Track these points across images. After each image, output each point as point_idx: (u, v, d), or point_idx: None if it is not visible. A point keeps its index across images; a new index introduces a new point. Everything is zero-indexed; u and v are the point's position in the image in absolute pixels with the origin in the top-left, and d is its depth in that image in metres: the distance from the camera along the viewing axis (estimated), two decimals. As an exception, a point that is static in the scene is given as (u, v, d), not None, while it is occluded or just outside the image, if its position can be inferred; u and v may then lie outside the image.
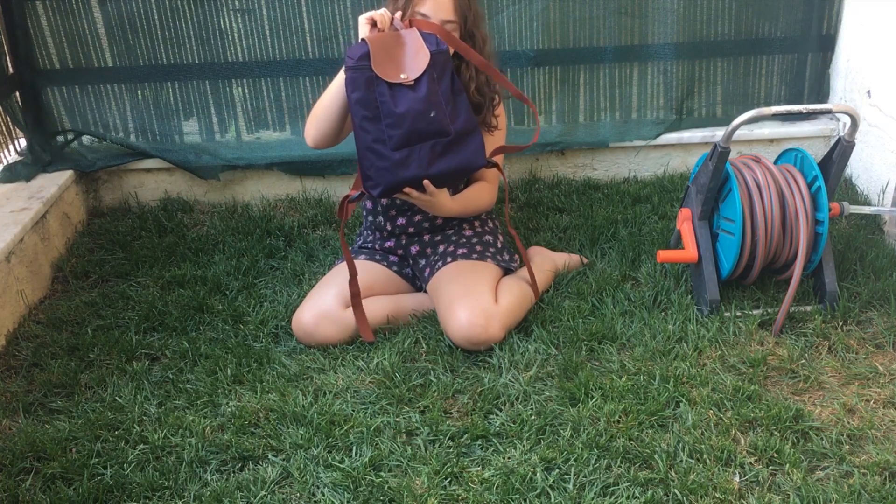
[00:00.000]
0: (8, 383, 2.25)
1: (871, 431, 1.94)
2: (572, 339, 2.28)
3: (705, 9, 3.16)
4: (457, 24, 2.26)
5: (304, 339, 2.31)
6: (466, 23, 2.28)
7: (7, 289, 2.48)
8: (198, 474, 1.89)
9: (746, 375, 2.13)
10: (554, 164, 3.33)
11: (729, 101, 3.30)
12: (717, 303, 2.36)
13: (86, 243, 2.97)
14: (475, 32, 2.32)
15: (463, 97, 2.19)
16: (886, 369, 2.15)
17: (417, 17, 2.23)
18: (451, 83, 2.16)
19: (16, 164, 3.07)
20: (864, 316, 2.36)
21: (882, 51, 2.87)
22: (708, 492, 1.78)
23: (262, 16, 3.10)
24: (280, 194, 3.27)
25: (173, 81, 3.18)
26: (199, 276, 2.69)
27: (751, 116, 2.23)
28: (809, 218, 2.29)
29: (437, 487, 1.81)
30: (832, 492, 1.76)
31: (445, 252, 2.43)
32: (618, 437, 1.92)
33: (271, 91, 3.21)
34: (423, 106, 2.10)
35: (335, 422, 2.01)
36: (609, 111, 3.31)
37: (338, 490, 1.82)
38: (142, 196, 3.27)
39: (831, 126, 3.28)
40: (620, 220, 2.92)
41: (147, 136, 3.24)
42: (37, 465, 1.94)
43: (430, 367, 2.21)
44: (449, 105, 2.14)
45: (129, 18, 3.07)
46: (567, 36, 3.18)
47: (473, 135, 2.19)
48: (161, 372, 2.25)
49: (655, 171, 3.33)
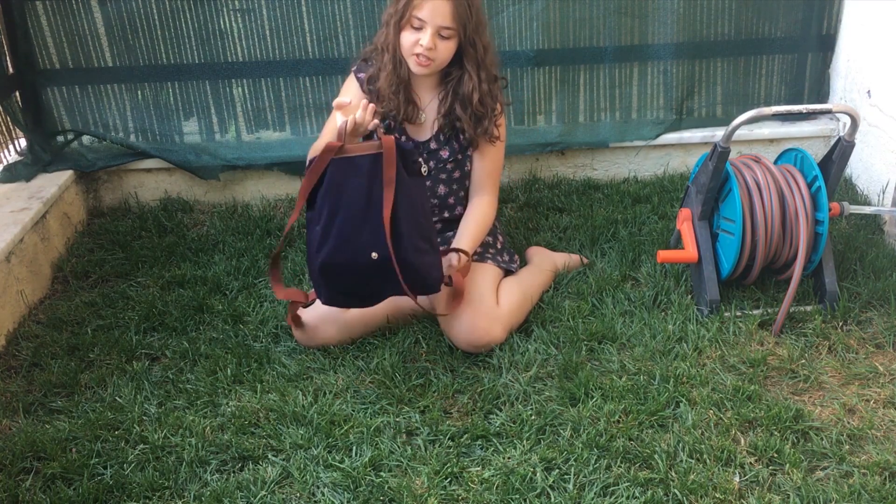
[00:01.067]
0: (8, 383, 2.25)
1: (871, 431, 1.94)
2: (572, 339, 2.28)
3: (705, 9, 3.16)
4: (455, 31, 2.23)
5: (304, 340, 2.31)
6: (466, 31, 2.24)
7: (7, 289, 2.48)
8: (198, 474, 1.89)
9: (746, 375, 2.13)
10: (554, 164, 3.33)
11: (729, 101, 3.30)
12: (717, 303, 2.36)
13: (86, 243, 2.97)
14: (476, 40, 2.28)
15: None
16: (886, 369, 2.15)
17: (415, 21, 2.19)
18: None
19: (16, 164, 3.07)
20: (864, 316, 2.36)
21: (882, 51, 2.87)
22: (708, 492, 1.78)
23: (262, 16, 3.10)
24: (280, 194, 3.27)
25: (173, 81, 3.18)
26: (199, 276, 2.69)
27: (751, 116, 2.23)
28: (809, 218, 2.29)
29: (437, 487, 1.81)
30: (832, 492, 1.76)
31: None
32: (618, 437, 1.92)
33: (271, 91, 3.21)
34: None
35: (335, 422, 2.01)
36: (609, 111, 3.31)
37: (338, 490, 1.82)
38: (142, 196, 3.27)
39: (831, 126, 3.28)
40: (620, 220, 2.92)
41: (147, 136, 3.24)
42: (37, 465, 1.94)
43: (430, 367, 2.21)
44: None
45: (129, 18, 3.07)
46: (567, 36, 3.18)
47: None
48: (161, 372, 2.25)
49: (655, 171, 3.33)
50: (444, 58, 2.27)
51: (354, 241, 2.06)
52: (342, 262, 2.08)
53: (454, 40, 2.25)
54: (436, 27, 2.20)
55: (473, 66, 2.30)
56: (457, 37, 2.24)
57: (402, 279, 2.07)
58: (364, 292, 2.16)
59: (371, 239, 2.04)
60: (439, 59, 2.25)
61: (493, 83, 2.36)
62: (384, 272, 2.06)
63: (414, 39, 2.22)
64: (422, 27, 2.20)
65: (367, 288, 2.14)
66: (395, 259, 2.04)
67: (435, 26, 2.20)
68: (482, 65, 2.31)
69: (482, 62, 2.30)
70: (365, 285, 2.13)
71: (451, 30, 2.22)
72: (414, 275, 2.10)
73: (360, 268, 2.07)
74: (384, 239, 2.03)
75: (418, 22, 2.20)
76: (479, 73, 2.30)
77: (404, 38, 2.24)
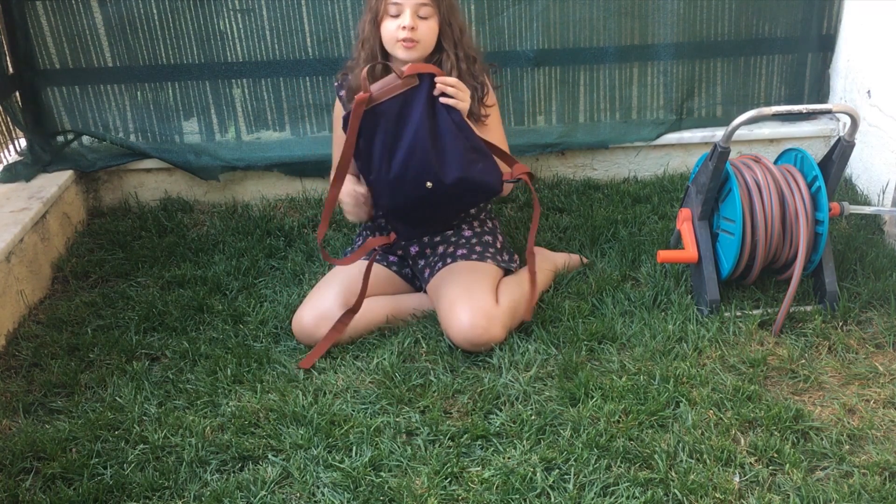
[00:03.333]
0: (8, 383, 2.25)
1: (871, 431, 1.94)
2: (572, 339, 2.28)
3: (705, 9, 3.16)
4: (432, 8, 2.27)
5: (305, 340, 2.31)
6: (441, 8, 2.28)
7: (7, 289, 2.48)
8: (198, 474, 1.89)
9: (746, 375, 2.13)
10: (554, 164, 3.33)
11: (729, 101, 3.30)
12: (717, 303, 2.36)
13: (86, 243, 2.97)
14: (452, 21, 2.33)
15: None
16: (886, 369, 2.15)
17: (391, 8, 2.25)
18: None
19: (16, 164, 3.07)
20: (864, 316, 2.36)
21: (882, 51, 2.87)
22: (708, 492, 1.78)
23: (262, 16, 3.10)
24: (280, 194, 3.27)
25: (173, 81, 3.18)
26: (199, 276, 2.69)
27: (751, 116, 2.23)
28: (809, 218, 2.29)
29: (437, 487, 1.81)
30: (832, 492, 1.76)
31: (445, 253, 2.42)
32: (618, 437, 1.92)
33: (271, 91, 3.21)
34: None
35: (335, 422, 2.01)
36: (609, 112, 3.31)
37: (338, 490, 1.82)
38: (142, 196, 3.27)
39: (831, 126, 3.28)
40: (620, 220, 2.92)
41: (147, 136, 3.24)
42: (37, 465, 1.94)
43: (430, 367, 2.21)
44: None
45: (129, 18, 3.07)
46: (567, 36, 3.18)
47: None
48: (161, 372, 2.25)
49: (655, 171, 3.33)
50: (429, 38, 2.29)
51: (406, 180, 2.20)
52: (402, 203, 2.26)
53: (434, 19, 2.28)
54: (413, 6, 2.24)
55: (451, 45, 2.34)
56: (436, 15, 2.28)
57: (464, 197, 2.28)
58: (437, 216, 2.35)
59: (420, 171, 2.18)
60: (424, 39, 2.28)
61: (473, 64, 2.38)
62: (447, 197, 2.22)
63: (395, 26, 2.26)
64: (399, 12, 2.25)
65: (438, 212, 2.33)
66: (449, 181, 2.18)
67: (412, 5, 2.24)
68: (459, 44, 2.35)
69: (459, 42, 2.34)
70: (434, 212, 2.32)
71: (427, 7, 2.26)
72: (474, 187, 2.24)
73: (422, 200, 2.23)
74: (433, 167, 2.17)
75: (395, 8, 2.24)
76: (456, 53, 2.34)
77: (385, 30, 2.28)
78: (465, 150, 2.21)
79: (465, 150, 2.21)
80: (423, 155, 2.17)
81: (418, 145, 2.17)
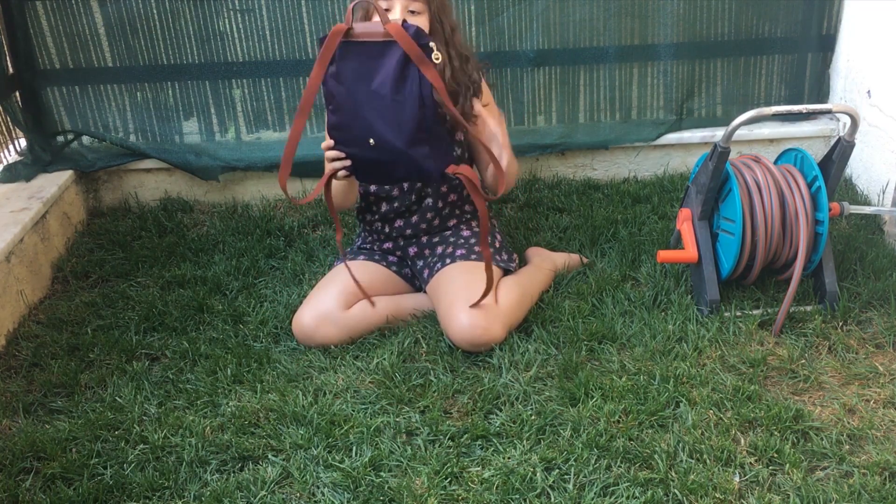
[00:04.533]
0: (8, 383, 2.25)
1: (871, 431, 1.94)
2: (572, 339, 2.28)
3: (705, 9, 3.16)
4: (424, 4, 2.25)
5: (305, 340, 2.31)
6: (431, 6, 2.27)
7: (7, 289, 2.48)
8: (198, 474, 1.89)
9: (746, 375, 2.13)
10: (554, 164, 3.33)
11: (729, 102, 3.30)
12: (717, 303, 2.36)
13: (86, 243, 2.97)
14: (443, 19, 2.31)
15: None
16: (886, 369, 2.15)
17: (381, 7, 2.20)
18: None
19: (16, 164, 3.07)
20: (864, 316, 2.36)
21: (882, 51, 2.87)
22: (708, 492, 1.78)
23: (262, 16, 3.10)
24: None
25: (173, 82, 3.18)
26: (199, 276, 2.69)
27: (751, 116, 2.23)
28: (809, 218, 2.29)
29: (437, 487, 1.81)
30: (832, 492, 1.76)
31: (444, 253, 2.42)
32: (618, 437, 1.92)
33: (271, 91, 3.21)
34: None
35: (335, 422, 2.01)
36: (609, 112, 3.31)
37: (338, 490, 1.82)
38: (142, 196, 3.28)
39: (831, 126, 3.28)
40: (620, 220, 2.92)
41: (147, 136, 3.24)
42: (37, 465, 1.94)
43: (430, 367, 2.21)
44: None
45: (129, 19, 3.07)
46: (567, 37, 3.18)
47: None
48: (161, 372, 2.25)
49: (655, 171, 3.33)
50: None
51: (356, 124, 2.11)
52: (351, 140, 2.14)
53: (425, 16, 2.27)
54: (403, 1, 2.22)
55: (442, 43, 2.31)
56: (426, 12, 2.27)
57: (397, 169, 2.14)
58: (383, 172, 2.20)
59: (370, 123, 2.08)
60: None
61: (466, 62, 2.37)
62: (389, 156, 2.11)
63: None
64: (390, 7, 2.24)
65: (382, 167, 2.18)
66: (389, 146, 2.08)
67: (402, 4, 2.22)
68: (451, 42, 2.33)
69: (450, 40, 2.32)
70: (378, 167, 2.18)
71: (418, 2, 2.24)
72: (410, 165, 2.12)
73: (365, 149, 2.12)
74: (381, 124, 2.07)
75: (385, 3, 2.23)
76: (448, 51, 2.32)
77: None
78: (416, 126, 2.09)
79: (417, 126, 2.09)
80: (380, 103, 2.07)
81: (378, 94, 2.07)
